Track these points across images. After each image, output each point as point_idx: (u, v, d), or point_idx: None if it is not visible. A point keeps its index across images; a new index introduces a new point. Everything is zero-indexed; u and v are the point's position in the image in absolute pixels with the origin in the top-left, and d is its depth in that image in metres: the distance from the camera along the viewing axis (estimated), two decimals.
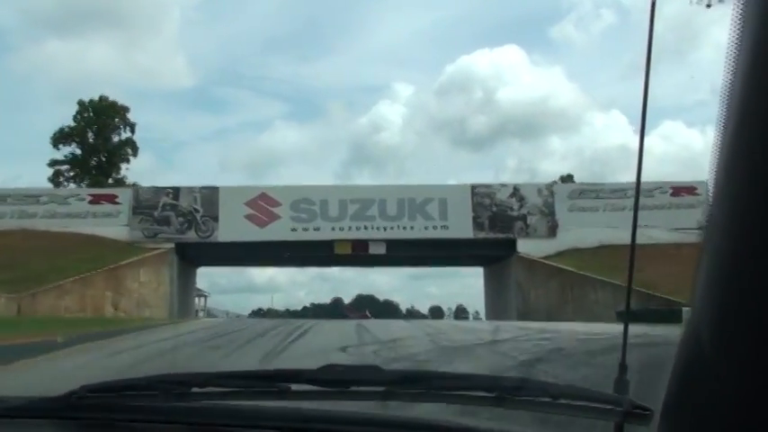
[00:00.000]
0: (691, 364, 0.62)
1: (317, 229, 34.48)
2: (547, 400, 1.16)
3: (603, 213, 34.56)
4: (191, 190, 35.22)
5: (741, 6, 0.56)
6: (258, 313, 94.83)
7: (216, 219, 34.39)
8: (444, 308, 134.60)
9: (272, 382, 1.25)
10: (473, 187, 35.45)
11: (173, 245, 34.12)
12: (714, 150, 0.59)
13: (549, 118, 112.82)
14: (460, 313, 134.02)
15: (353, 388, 1.23)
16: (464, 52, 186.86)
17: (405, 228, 34.63)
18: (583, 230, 34.24)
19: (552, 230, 35.07)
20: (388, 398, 1.22)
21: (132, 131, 55.90)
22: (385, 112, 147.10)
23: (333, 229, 34.54)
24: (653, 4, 1.10)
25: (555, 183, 35.91)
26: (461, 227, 34.58)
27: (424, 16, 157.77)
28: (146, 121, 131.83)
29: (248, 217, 34.41)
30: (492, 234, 34.88)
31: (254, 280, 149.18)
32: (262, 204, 34.53)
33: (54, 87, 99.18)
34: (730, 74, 0.57)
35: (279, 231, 34.22)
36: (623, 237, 33.07)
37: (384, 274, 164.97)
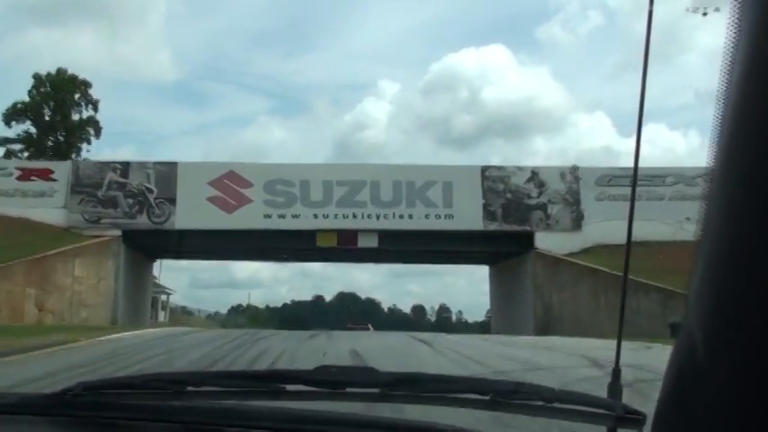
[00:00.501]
0: (684, 369, 0.62)
1: (295, 217, 28.52)
2: (540, 403, 1.16)
3: (638, 203, 28.44)
4: (143, 165, 29.09)
5: (737, 11, 0.56)
6: (237, 310, 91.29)
7: (173, 201, 28.30)
8: (427, 307, 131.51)
9: (268, 382, 1.28)
10: (483, 170, 29.67)
11: (119, 232, 28.01)
12: (709, 155, 0.59)
13: (534, 118, 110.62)
14: (443, 313, 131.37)
15: (348, 389, 1.23)
16: (450, 51, 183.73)
17: (401, 216, 28.80)
18: (613, 223, 28.42)
19: (577, 222, 29.45)
20: (383, 400, 1.23)
21: (95, 109, 49.80)
22: (370, 109, 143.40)
23: (315, 216, 28.60)
24: (650, 12, 1.21)
25: (579, 167, 30.45)
26: (469, 216, 28.82)
27: (410, 14, 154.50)
28: (127, 114, 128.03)
29: (212, 199, 28.37)
30: (506, 225, 29.15)
31: (236, 275, 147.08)
32: (229, 184, 28.50)
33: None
34: (726, 76, 0.57)
35: (249, 218, 28.23)
36: (662, 232, 27.22)
37: (366, 271, 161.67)
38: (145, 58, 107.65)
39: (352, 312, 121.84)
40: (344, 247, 29.47)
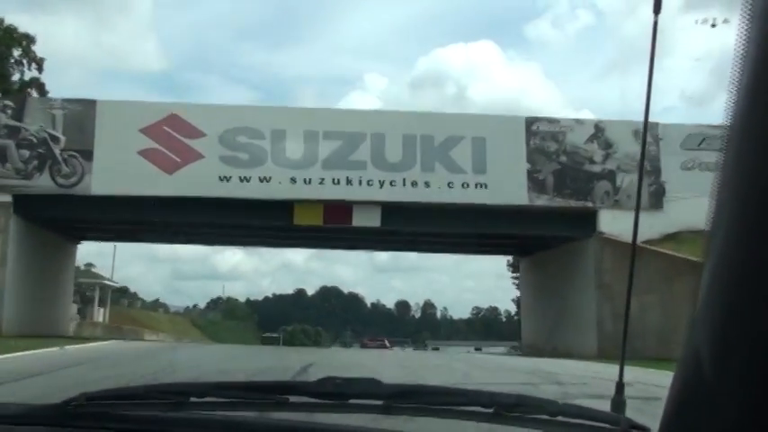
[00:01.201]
0: (689, 382, 0.62)
1: (265, 181, 20.08)
2: (544, 417, 1.16)
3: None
4: (46, 103, 20.50)
5: (747, 23, 0.57)
6: (217, 303, 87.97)
7: (88, 155, 19.73)
8: (411, 303, 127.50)
9: (271, 393, 1.27)
10: (529, 122, 21.35)
11: (8, 197, 19.42)
12: (718, 164, 0.59)
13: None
14: (428, 309, 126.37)
15: (352, 401, 1.23)
16: (438, 46, 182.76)
17: (414, 184, 20.47)
18: (706, 201, 20.38)
19: (657, 199, 21.27)
20: (387, 411, 1.23)
21: (40, 69, 40.91)
22: (356, 103, 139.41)
23: (293, 180, 20.17)
24: (655, 22, 1.25)
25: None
26: (509, 186, 20.57)
27: (398, 8, 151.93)
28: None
29: (146, 153, 19.83)
30: (559, 200, 20.92)
31: (217, 267, 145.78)
32: (170, 133, 19.97)
33: None
34: (735, 85, 0.58)
35: (199, 181, 19.76)
36: None
37: (349, 265, 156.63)
38: (130, 47, 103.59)
39: (334, 306, 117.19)
40: (334, 226, 21.07)
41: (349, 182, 20.26)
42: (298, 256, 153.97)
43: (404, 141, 20.52)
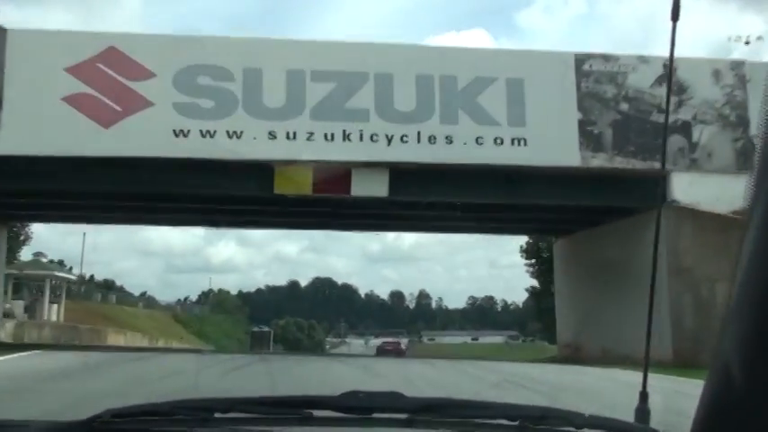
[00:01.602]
0: (720, 393, 0.60)
1: (235, 136, 15.17)
2: (570, 429, 1.15)
3: None
4: None
5: None
6: (208, 295, 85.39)
7: None
8: (406, 293, 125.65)
9: (295, 408, 1.27)
10: (580, 60, 16.46)
11: None
12: (757, 146, 0.58)
13: None
14: (422, 299, 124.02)
15: (376, 415, 1.23)
16: (431, 35, 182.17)
17: (431, 140, 15.62)
18: None
19: (745, 157, 16.55)
20: (411, 425, 1.22)
21: None
22: None
23: (271, 135, 15.26)
24: (673, 29, 1.26)
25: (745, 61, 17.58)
26: (555, 142, 15.80)
27: None
28: None
29: (74, 100, 14.86)
30: (621, 159, 16.14)
31: (211, 259, 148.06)
32: (108, 73, 14.98)
33: None
34: None
35: (146, 136, 14.84)
36: None
37: (341, 255, 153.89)
38: None
39: (329, 298, 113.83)
40: (327, 196, 16.17)
41: (346, 137, 15.36)
42: (292, 247, 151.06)
43: (418, 84, 15.62)
